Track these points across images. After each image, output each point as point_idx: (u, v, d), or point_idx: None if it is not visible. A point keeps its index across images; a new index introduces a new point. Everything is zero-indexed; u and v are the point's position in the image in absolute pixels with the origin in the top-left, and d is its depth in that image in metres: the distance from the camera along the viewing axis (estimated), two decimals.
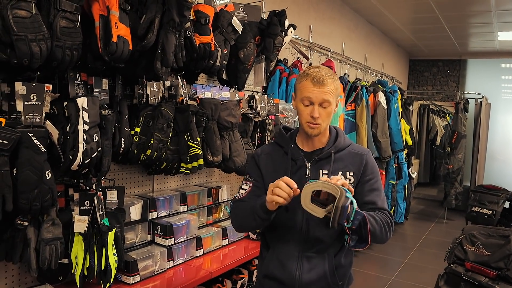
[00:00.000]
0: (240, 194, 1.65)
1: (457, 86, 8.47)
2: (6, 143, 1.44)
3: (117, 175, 2.31)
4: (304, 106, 1.54)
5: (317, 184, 1.35)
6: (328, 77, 1.51)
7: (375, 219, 1.47)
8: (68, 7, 1.55)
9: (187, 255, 2.44)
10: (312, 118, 1.51)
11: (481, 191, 5.62)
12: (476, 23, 6.02)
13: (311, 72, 1.52)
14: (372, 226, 1.43)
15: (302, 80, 1.54)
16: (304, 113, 1.54)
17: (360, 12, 5.79)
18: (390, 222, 1.54)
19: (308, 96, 1.51)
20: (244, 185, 1.67)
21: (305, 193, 1.36)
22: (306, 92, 1.51)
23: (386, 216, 1.55)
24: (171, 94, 2.31)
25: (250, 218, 1.53)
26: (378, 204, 1.57)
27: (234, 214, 1.67)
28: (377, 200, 1.57)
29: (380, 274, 4.57)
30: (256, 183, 1.65)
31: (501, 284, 2.69)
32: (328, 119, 1.56)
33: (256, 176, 1.66)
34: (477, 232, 3.01)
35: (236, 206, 1.65)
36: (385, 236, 1.52)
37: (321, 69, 1.53)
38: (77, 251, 1.84)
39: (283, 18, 2.91)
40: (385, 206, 1.59)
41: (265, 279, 1.67)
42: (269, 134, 2.95)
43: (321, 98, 1.50)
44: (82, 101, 1.68)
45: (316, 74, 1.50)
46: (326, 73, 1.52)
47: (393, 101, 5.41)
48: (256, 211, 1.49)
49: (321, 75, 1.50)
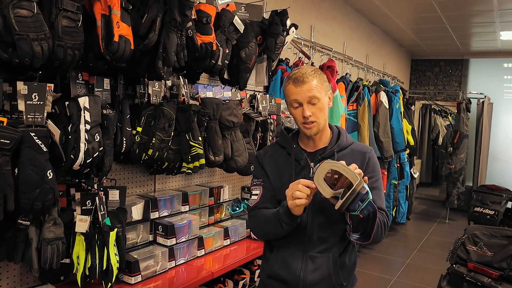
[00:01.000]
0: (253, 200, 1.64)
1: (459, 86, 8.45)
2: (8, 142, 1.43)
3: (118, 175, 2.31)
4: (294, 108, 1.54)
5: (337, 165, 1.34)
6: (308, 74, 1.51)
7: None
8: (69, 7, 1.55)
9: (189, 255, 2.44)
10: (304, 118, 1.51)
11: (484, 191, 5.62)
12: (478, 23, 6.00)
13: (291, 74, 1.54)
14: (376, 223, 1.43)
15: (286, 84, 1.56)
16: (296, 115, 1.55)
17: (362, 12, 5.78)
18: (386, 223, 1.56)
19: (294, 99, 1.52)
20: (254, 190, 1.66)
21: (322, 168, 1.35)
22: (291, 95, 1.53)
23: (384, 217, 1.56)
24: (173, 93, 2.30)
25: (275, 226, 1.51)
26: (377, 203, 1.56)
27: (255, 224, 1.64)
28: (377, 199, 1.56)
29: (382, 275, 4.56)
30: (265, 185, 1.64)
31: (503, 285, 2.69)
32: (322, 115, 1.55)
33: (264, 177, 1.66)
34: (479, 233, 3.01)
35: (255, 214, 1.63)
36: (380, 236, 1.53)
37: (301, 69, 1.55)
38: (79, 251, 1.84)
39: (284, 17, 2.90)
40: (383, 207, 1.59)
41: (268, 279, 1.66)
42: (271, 134, 2.94)
43: (306, 96, 1.50)
44: (83, 101, 1.68)
45: (296, 75, 1.52)
46: (306, 71, 1.52)
47: (395, 101, 5.40)
48: (281, 218, 1.48)
49: (300, 74, 1.51)
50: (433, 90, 8.70)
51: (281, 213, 1.48)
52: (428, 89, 8.75)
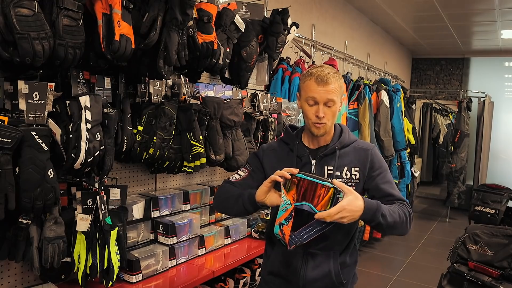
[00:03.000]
0: (234, 178, 1.67)
1: (460, 84, 8.44)
2: (9, 141, 1.43)
3: (119, 174, 2.31)
4: (309, 105, 1.53)
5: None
6: (332, 75, 1.50)
7: (394, 211, 1.47)
8: (70, 6, 1.55)
9: (190, 254, 2.44)
10: (317, 117, 1.51)
11: (484, 190, 5.61)
12: (479, 22, 5.99)
13: (314, 71, 1.51)
14: (388, 221, 1.43)
15: (306, 79, 1.53)
16: (309, 113, 1.54)
17: (363, 11, 5.77)
18: (410, 213, 1.54)
19: (312, 96, 1.50)
20: (241, 171, 1.68)
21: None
22: (310, 92, 1.51)
23: (406, 207, 1.54)
24: (174, 92, 2.30)
25: (233, 202, 1.55)
26: (396, 195, 1.57)
27: (219, 193, 1.67)
28: (393, 192, 1.57)
29: (383, 273, 4.56)
30: (253, 173, 1.66)
31: (504, 284, 2.69)
32: (333, 118, 1.55)
33: (255, 167, 1.67)
34: (480, 232, 3.01)
35: (225, 186, 1.66)
36: (405, 227, 1.51)
37: (324, 68, 1.53)
38: (80, 249, 1.84)
39: (286, 16, 2.90)
40: (402, 197, 1.58)
41: (269, 276, 1.67)
42: (272, 133, 2.94)
43: (326, 97, 1.49)
44: (84, 100, 1.68)
45: (319, 73, 1.50)
46: (329, 71, 1.51)
47: (396, 99, 5.39)
48: (243, 198, 1.51)
49: (324, 74, 1.49)
50: (434, 89, 8.69)
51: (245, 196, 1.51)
52: (429, 88, 8.74)
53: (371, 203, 1.41)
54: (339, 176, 1.57)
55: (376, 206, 1.42)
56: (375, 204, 1.42)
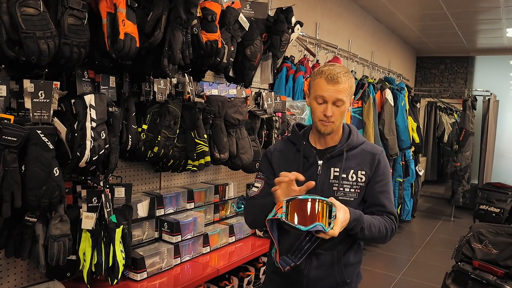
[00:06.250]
0: (253, 192, 1.67)
1: (464, 83, 8.40)
2: (15, 140, 1.44)
3: (124, 172, 2.32)
4: (318, 104, 1.52)
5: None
6: (342, 75, 1.49)
7: (374, 225, 1.50)
8: (75, 5, 1.56)
9: (194, 252, 2.44)
10: (325, 116, 1.50)
11: (489, 189, 5.59)
12: (484, 20, 5.96)
13: (325, 69, 1.50)
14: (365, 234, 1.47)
15: (317, 77, 1.52)
16: (317, 111, 1.53)
17: (367, 9, 5.76)
18: (393, 229, 1.58)
19: (321, 95, 1.50)
20: (256, 183, 1.68)
21: None
22: (320, 90, 1.50)
23: (392, 222, 1.57)
24: (178, 91, 2.31)
25: (261, 214, 1.53)
26: (387, 207, 1.58)
27: (246, 211, 1.70)
28: (386, 203, 1.58)
29: (387, 272, 4.56)
30: (268, 180, 1.64)
31: (509, 283, 2.68)
32: (341, 118, 1.55)
33: (268, 173, 1.66)
34: (485, 230, 3.00)
35: (249, 203, 1.68)
36: (383, 241, 1.57)
37: (336, 67, 1.51)
38: (85, 247, 1.85)
39: (289, 15, 2.90)
40: (393, 210, 1.59)
41: (274, 274, 1.67)
42: (276, 132, 2.94)
43: (335, 97, 1.48)
44: (89, 99, 1.69)
45: (330, 71, 1.49)
46: (340, 70, 1.50)
47: (400, 98, 5.38)
48: (268, 207, 1.49)
49: (335, 73, 1.48)
50: (439, 87, 8.65)
51: (268, 203, 1.50)
52: (433, 87, 8.71)
53: (355, 216, 1.43)
54: (345, 178, 1.56)
55: (359, 218, 1.44)
56: (358, 216, 1.44)
